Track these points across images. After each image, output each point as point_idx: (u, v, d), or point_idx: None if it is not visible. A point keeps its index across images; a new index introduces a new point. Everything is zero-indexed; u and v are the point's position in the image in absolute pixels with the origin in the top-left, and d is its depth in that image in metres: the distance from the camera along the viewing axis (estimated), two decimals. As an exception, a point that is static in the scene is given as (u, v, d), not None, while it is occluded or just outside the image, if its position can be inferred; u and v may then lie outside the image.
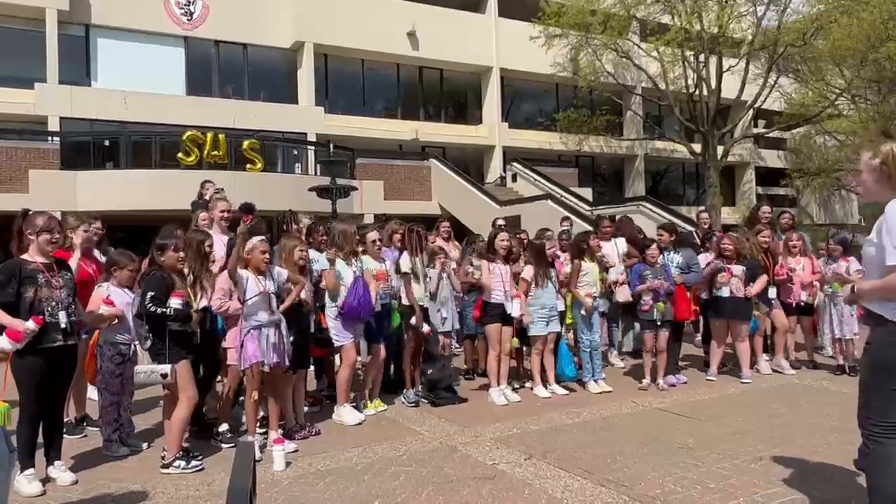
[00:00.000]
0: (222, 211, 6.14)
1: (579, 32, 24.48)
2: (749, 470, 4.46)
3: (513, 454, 4.91)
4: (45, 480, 4.39)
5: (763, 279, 7.44)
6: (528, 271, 6.81)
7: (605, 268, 7.68)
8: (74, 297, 4.53)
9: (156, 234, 5.16)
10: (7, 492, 3.02)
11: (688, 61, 24.57)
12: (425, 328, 6.59)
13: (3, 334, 3.00)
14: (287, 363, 5.18)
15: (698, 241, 8.95)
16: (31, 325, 3.95)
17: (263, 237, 5.21)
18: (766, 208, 8.84)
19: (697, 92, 24.82)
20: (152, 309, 4.58)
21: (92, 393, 5.95)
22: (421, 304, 6.64)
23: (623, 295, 7.47)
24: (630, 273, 7.44)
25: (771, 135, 29.40)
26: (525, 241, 8.32)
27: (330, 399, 6.38)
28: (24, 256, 4.37)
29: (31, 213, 4.53)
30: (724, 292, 7.24)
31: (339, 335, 5.86)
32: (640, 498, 4.01)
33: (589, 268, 7.13)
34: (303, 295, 5.49)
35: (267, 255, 5.10)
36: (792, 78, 26.39)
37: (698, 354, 8.39)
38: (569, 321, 7.42)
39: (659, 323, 6.98)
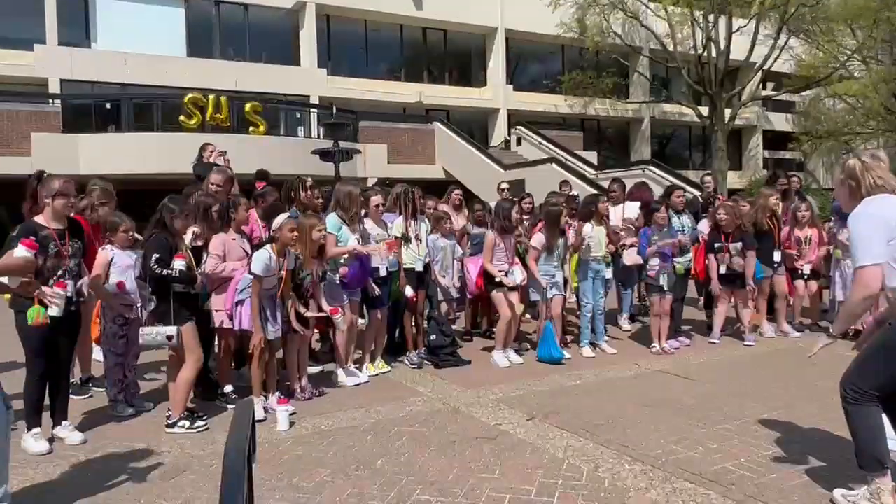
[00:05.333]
0: (212, 184, 6.02)
1: (587, -9, 24.05)
2: (751, 431, 4.48)
3: (515, 415, 4.94)
4: (52, 440, 4.43)
5: (752, 262, 7.22)
6: (537, 238, 6.73)
7: (614, 233, 7.51)
8: (81, 263, 4.53)
9: (159, 197, 5.10)
10: (7, 448, 3.04)
11: (697, 21, 24.12)
12: (408, 292, 6.44)
13: (19, 245, 2.92)
14: (285, 328, 5.20)
15: (700, 206, 8.88)
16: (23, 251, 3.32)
17: (290, 215, 5.19)
18: (783, 180, 8.77)
19: (706, 53, 24.42)
20: (158, 270, 4.56)
21: (97, 354, 5.98)
22: (412, 267, 6.55)
23: (630, 258, 7.38)
24: (640, 236, 7.35)
25: (779, 97, 28.98)
26: (531, 208, 8.22)
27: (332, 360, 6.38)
28: (38, 219, 4.26)
29: (46, 175, 4.42)
30: (722, 269, 7.21)
31: (332, 300, 5.81)
32: (642, 458, 4.03)
33: (595, 232, 6.97)
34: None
35: (295, 233, 5.07)
36: (802, 39, 25.89)
37: (701, 318, 8.38)
38: (574, 284, 7.37)
39: (666, 288, 6.95)
